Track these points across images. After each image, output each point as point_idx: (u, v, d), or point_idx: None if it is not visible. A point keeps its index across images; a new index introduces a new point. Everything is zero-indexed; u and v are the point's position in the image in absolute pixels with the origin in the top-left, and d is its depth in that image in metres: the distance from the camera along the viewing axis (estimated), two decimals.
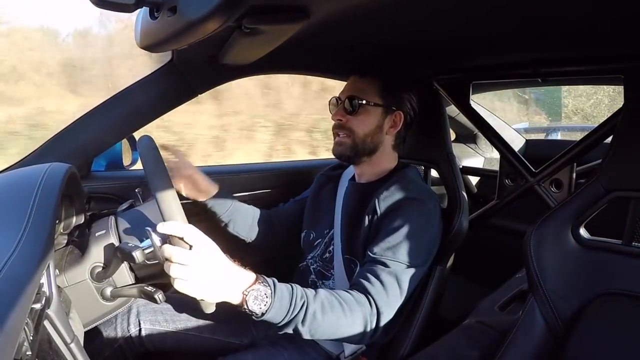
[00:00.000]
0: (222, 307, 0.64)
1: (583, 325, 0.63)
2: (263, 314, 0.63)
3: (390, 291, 0.76)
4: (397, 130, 0.93)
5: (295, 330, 0.67)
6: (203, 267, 0.57)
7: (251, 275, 0.64)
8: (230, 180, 1.30)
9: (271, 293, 0.63)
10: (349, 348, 0.87)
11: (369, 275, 0.77)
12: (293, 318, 0.65)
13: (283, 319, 0.65)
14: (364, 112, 0.90)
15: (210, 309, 0.62)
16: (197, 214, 1.21)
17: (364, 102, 0.89)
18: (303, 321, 0.66)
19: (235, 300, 0.62)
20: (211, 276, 0.59)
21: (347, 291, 0.75)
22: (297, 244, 1.05)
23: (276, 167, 1.52)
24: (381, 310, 0.74)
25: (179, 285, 0.57)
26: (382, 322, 0.75)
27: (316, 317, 0.67)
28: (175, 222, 0.58)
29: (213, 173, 1.30)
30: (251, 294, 0.62)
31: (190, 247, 0.58)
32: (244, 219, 1.07)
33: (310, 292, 0.69)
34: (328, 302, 0.69)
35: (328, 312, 0.68)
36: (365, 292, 0.75)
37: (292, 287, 0.67)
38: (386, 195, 0.86)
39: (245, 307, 0.62)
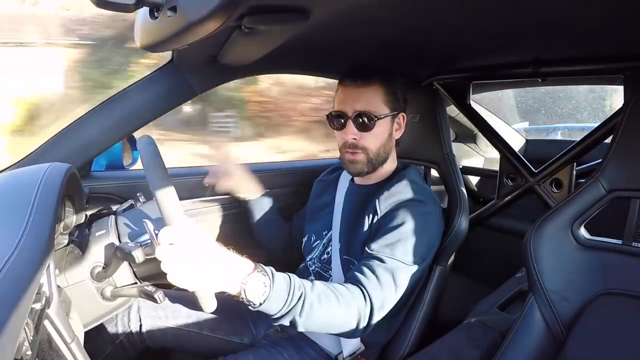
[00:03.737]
0: (223, 306, 0.63)
1: (583, 325, 0.63)
2: (261, 304, 0.62)
3: (385, 286, 0.76)
4: (403, 131, 0.94)
5: (292, 321, 0.66)
6: (195, 259, 0.57)
7: (249, 264, 0.63)
8: None
9: (270, 283, 0.62)
10: (348, 348, 0.87)
11: (365, 270, 0.77)
12: (290, 309, 0.64)
13: (280, 310, 0.64)
14: (377, 127, 0.88)
15: (210, 309, 0.62)
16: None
17: (375, 118, 0.86)
18: (300, 313, 0.65)
19: (233, 289, 0.60)
20: (205, 267, 0.58)
21: (342, 284, 0.74)
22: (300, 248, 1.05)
23: (277, 167, 1.52)
24: (375, 305, 0.74)
25: (173, 279, 0.57)
26: (376, 318, 0.74)
27: (313, 309, 0.66)
28: (165, 229, 0.57)
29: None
30: (249, 283, 0.60)
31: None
32: (274, 231, 1.09)
33: (307, 283, 0.69)
34: (324, 294, 0.69)
35: (324, 305, 0.68)
36: (361, 285, 0.75)
37: (289, 277, 0.66)
38: (387, 196, 0.86)
39: (243, 296, 0.61)
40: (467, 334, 0.82)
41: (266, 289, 0.62)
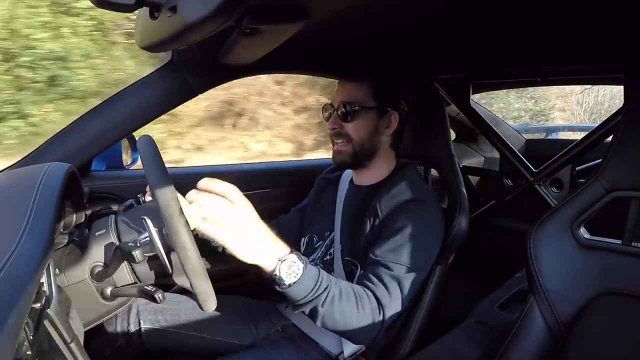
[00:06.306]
0: (223, 307, 0.64)
1: (583, 325, 0.63)
2: (290, 285, 0.63)
3: (393, 294, 0.76)
4: (394, 130, 0.94)
5: (313, 311, 0.68)
6: (243, 221, 0.58)
7: (287, 246, 0.65)
8: (230, 180, 1.29)
9: (303, 267, 0.64)
10: (349, 348, 0.87)
11: (373, 278, 0.77)
12: (315, 298, 0.66)
13: (306, 296, 0.66)
14: (359, 117, 0.90)
15: (210, 307, 0.62)
16: None
17: (357, 107, 0.89)
18: (323, 303, 0.67)
19: (268, 264, 0.62)
20: (249, 233, 0.59)
21: (361, 287, 0.76)
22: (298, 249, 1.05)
23: (276, 166, 1.52)
24: (386, 312, 0.75)
25: (210, 228, 0.57)
26: (386, 324, 0.75)
27: (334, 303, 0.68)
28: (216, 181, 0.59)
29: (213, 173, 1.30)
30: (285, 263, 0.62)
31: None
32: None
33: (332, 277, 0.71)
34: (346, 291, 0.71)
35: (344, 301, 0.70)
36: (372, 292, 0.76)
37: (318, 268, 0.69)
38: (387, 197, 0.86)
39: (277, 274, 0.62)
40: (467, 334, 0.82)
41: (299, 271, 0.63)
